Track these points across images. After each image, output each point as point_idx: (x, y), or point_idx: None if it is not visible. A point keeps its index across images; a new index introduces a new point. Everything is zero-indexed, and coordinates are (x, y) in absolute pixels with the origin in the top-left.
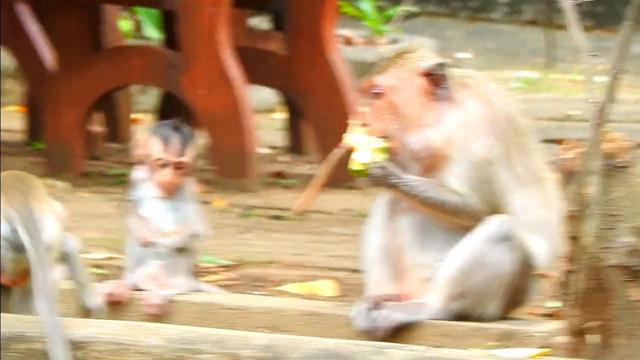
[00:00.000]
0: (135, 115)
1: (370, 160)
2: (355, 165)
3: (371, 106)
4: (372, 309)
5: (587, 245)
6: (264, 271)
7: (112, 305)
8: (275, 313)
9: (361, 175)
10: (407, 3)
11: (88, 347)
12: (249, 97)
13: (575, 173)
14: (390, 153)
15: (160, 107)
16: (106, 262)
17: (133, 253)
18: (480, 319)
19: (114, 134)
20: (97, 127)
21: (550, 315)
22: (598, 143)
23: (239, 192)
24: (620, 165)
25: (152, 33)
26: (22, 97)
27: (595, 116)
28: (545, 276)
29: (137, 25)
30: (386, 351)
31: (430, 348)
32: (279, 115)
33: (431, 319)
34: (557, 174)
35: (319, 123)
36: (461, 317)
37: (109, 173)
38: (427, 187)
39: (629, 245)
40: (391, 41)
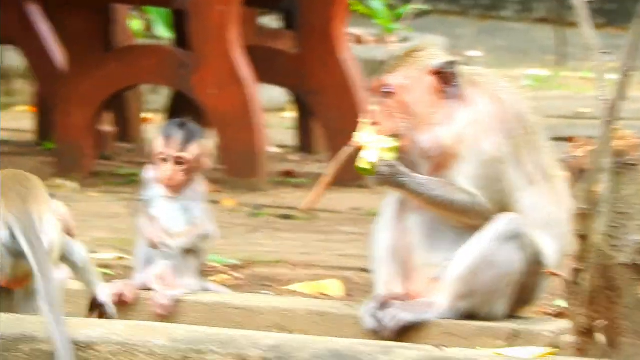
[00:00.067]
0: (145, 115)
1: (378, 158)
2: (363, 164)
3: (381, 105)
4: (380, 308)
5: (596, 244)
6: (272, 271)
7: (120, 305)
8: (283, 313)
9: (369, 173)
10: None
11: (95, 347)
12: (259, 96)
13: (585, 171)
14: (400, 152)
15: (171, 107)
16: (115, 262)
17: (142, 253)
18: (488, 318)
19: (124, 133)
20: (107, 126)
21: (558, 314)
22: (608, 141)
23: (249, 192)
24: (631, 162)
25: (163, 32)
26: (32, 96)
27: (606, 114)
28: (554, 275)
29: (148, 24)
30: (394, 351)
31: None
32: (289, 114)
33: (439, 318)
34: (567, 171)
35: (329, 122)
36: (469, 316)
37: (118, 173)
38: (435, 185)
39: (639, 243)
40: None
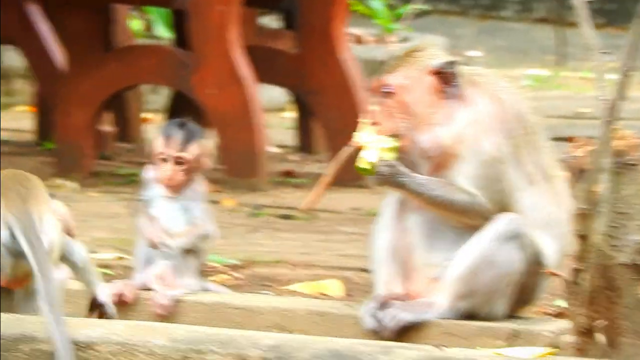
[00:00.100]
0: (145, 115)
1: (378, 158)
2: (363, 164)
3: (381, 105)
4: (380, 308)
5: (596, 244)
6: (272, 271)
7: (120, 305)
8: (283, 313)
9: (368, 173)
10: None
11: (95, 347)
12: (259, 96)
13: (585, 171)
14: (400, 152)
15: (171, 107)
16: (115, 262)
17: (142, 253)
18: (488, 318)
19: (124, 133)
20: (107, 126)
21: (558, 314)
22: (608, 141)
23: (249, 192)
24: (631, 162)
25: (163, 32)
26: (32, 96)
27: (606, 114)
28: (554, 275)
29: (148, 24)
30: (394, 351)
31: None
32: (289, 114)
33: (439, 318)
34: (567, 171)
35: (329, 122)
36: (469, 316)
37: (118, 173)
38: (434, 185)
39: (639, 243)
40: (402, 39)
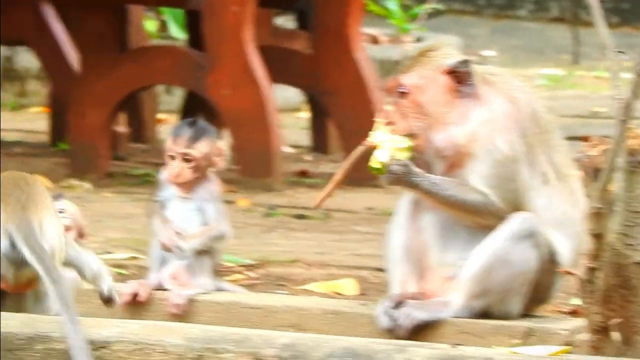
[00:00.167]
0: (160, 116)
1: (392, 158)
2: (376, 163)
3: (396, 105)
4: (394, 307)
5: (610, 242)
6: (287, 270)
7: (135, 305)
8: (298, 312)
9: (382, 173)
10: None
11: (110, 347)
12: (273, 97)
13: (600, 170)
14: (414, 151)
15: (185, 107)
16: (129, 262)
17: (156, 253)
18: (503, 317)
19: (138, 134)
20: (121, 127)
21: (573, 313)
22: (623, 140)
23: (263, 192)
24: None
25: (177, 33)
26: (47, 97)
27: (620, 113)
28: (569, 273)
29: (162, 25)
30: (409, 349)
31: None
32: (304, 114)
33: (454, 317)
34: (582, 171)
35: (343, 122)
36: (484, 315)
37: (133, 173)
38: (448, 185)
39: None
40: (416, 39)
